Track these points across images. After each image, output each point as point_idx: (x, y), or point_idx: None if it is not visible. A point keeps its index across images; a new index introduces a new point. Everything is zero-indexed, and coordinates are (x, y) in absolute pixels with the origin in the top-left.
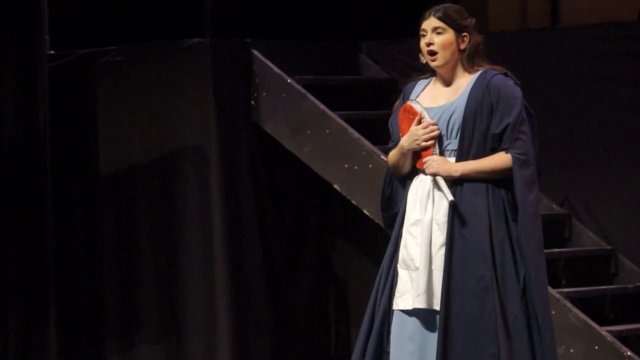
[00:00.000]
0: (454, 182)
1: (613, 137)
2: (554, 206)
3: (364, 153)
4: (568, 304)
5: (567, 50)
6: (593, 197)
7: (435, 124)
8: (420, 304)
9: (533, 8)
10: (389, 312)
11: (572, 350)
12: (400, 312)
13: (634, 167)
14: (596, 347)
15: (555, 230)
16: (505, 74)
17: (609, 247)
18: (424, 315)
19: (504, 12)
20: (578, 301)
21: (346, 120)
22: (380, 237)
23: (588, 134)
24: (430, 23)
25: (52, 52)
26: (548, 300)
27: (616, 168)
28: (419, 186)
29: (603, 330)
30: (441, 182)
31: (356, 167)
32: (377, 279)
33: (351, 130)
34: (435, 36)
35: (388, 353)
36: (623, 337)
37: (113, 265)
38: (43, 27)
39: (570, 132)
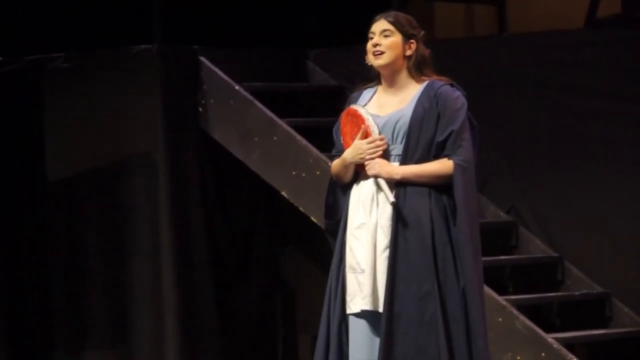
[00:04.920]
0: (398, 186)
1: (559, 144)
2: (501, 214)
3: (311, 160)
4: (515, 312)
5: (514, 58)
6: (539, 205)
7: (382, 139)
8: (367, 305)
9: (480, 15)
10: (344, 317)
11: (518, 358)
12: (353, 316)
13: (581, 174)
14: (543, 355)
15: (502, 238)
16: (452, 85)
17: (556, 255)
18: (372, 318)
19: (451, 19)
20: (525, 308)
21: (294, 127)
22: (328, 243)
23: (534, 141)
24: (379, 26)
25: None
26: (482, 306)
27: (563, 176)
28: (361, 190)
29: (550, 338)
30: (382, 183)
31: (304, 174)
32: (328, 286)
33: (299, 137)
34: (383, 38)
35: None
36: (569, 345)
37: (62, 272)
38: None
39: (516, 139)
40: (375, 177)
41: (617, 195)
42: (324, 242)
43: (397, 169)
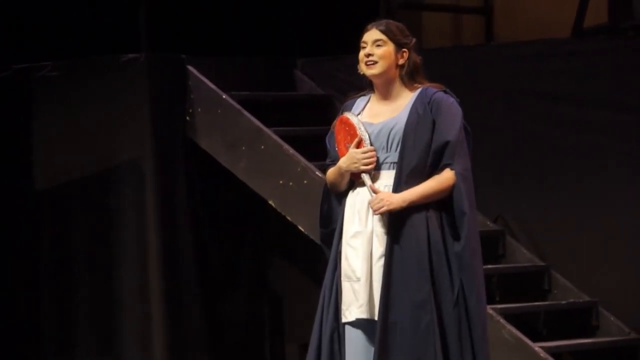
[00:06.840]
0: None
1: (547, 153)
2: (488, 223)
3: (299, 169)
4: (502, 320)
5: (501, 67)
6: (527, 214)
7: (374, 150)
8: (363, 314)
9: (467, 24)
10: (337, 327)
11: None
12: (349, 325)
13: (568, 184)
14: None
15: (489, 247)
16: (445, 91)
17: (543, 264)
18: (368, 327)
19: (438, 28)
20: (512, 317)
21: (281, 136)
22: (315, 252)
23: (522, 150)
24: (371, 35)
25: None
26: (486, 315)
27: (550, 185)
28: (357, 199)
29: (536, 347)
30: (366, 178)
31: (291, 183)
32: (321, 296)
33: (286, 146)
34: (375, 48)
35: None
36: (556, 354)
37: (49, 281)
38: None
39: (504, 148)
40: (385, 212)
41: (604, 204)
42: (312, 252)
43: (402, 197)
